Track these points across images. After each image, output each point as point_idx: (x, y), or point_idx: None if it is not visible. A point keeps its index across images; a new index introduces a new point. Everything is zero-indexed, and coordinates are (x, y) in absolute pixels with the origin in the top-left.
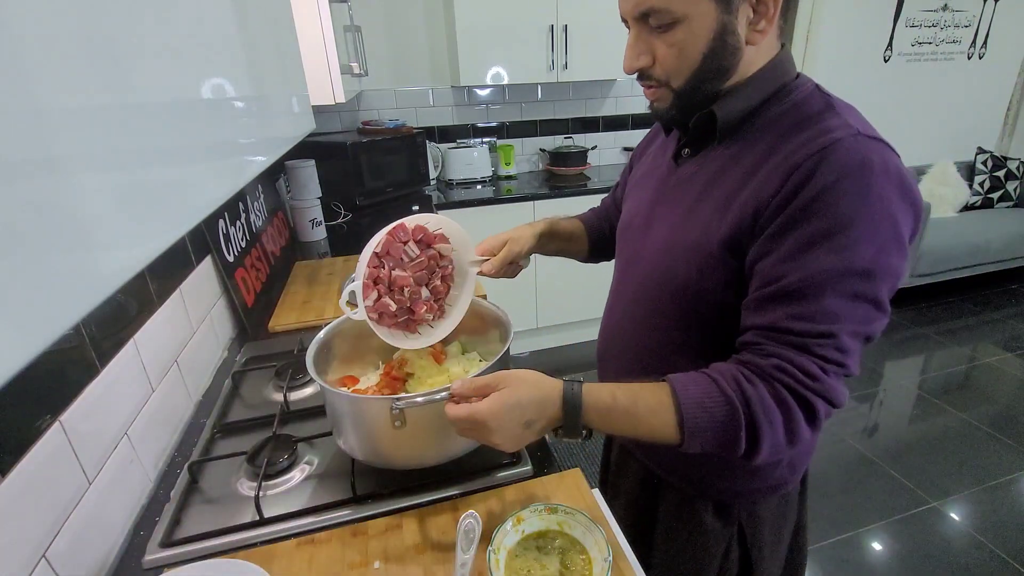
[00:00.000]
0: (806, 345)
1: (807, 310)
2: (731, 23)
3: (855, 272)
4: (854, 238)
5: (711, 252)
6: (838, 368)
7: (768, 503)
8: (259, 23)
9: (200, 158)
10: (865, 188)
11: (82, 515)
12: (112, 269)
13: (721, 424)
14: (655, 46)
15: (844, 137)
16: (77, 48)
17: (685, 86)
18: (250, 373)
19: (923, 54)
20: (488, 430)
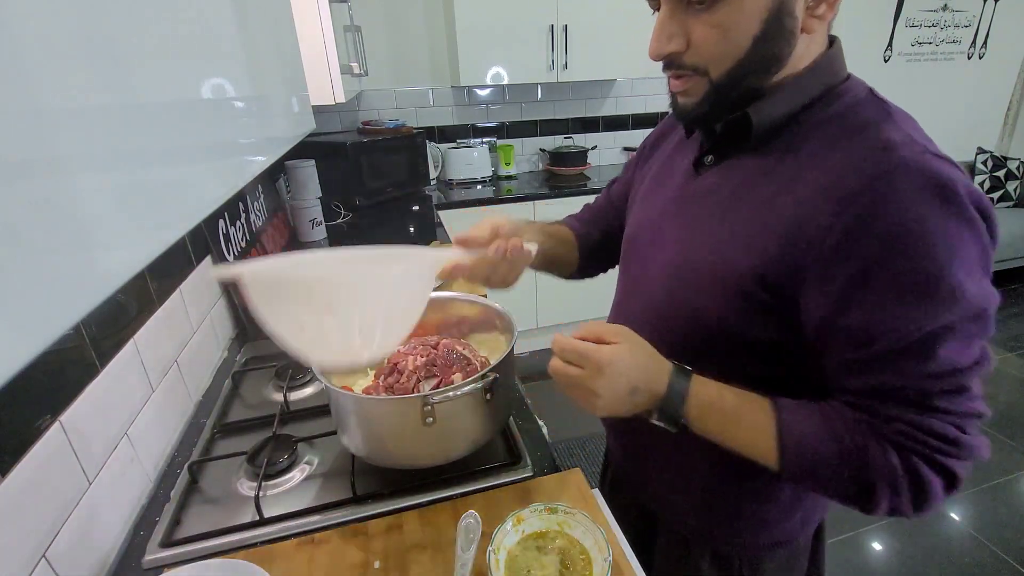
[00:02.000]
0: (933, 404)
1: (924, 368)
2: (789, 4)
3: (968, 318)
4: (957, 281)
5: (735, 282)
6: (975, 419)
7: (774, 556)
8: (259, 23)
9: (200, 158)
10: (955, 220)
11: (82, 515)
12: (112, 269)
13: (829, 477)
14: (691, 27)
15: (911, 157)
16: (77, 48)
17: (726, 78)
18: (250, 373)
19: (923, 54)
20: (602, 378)
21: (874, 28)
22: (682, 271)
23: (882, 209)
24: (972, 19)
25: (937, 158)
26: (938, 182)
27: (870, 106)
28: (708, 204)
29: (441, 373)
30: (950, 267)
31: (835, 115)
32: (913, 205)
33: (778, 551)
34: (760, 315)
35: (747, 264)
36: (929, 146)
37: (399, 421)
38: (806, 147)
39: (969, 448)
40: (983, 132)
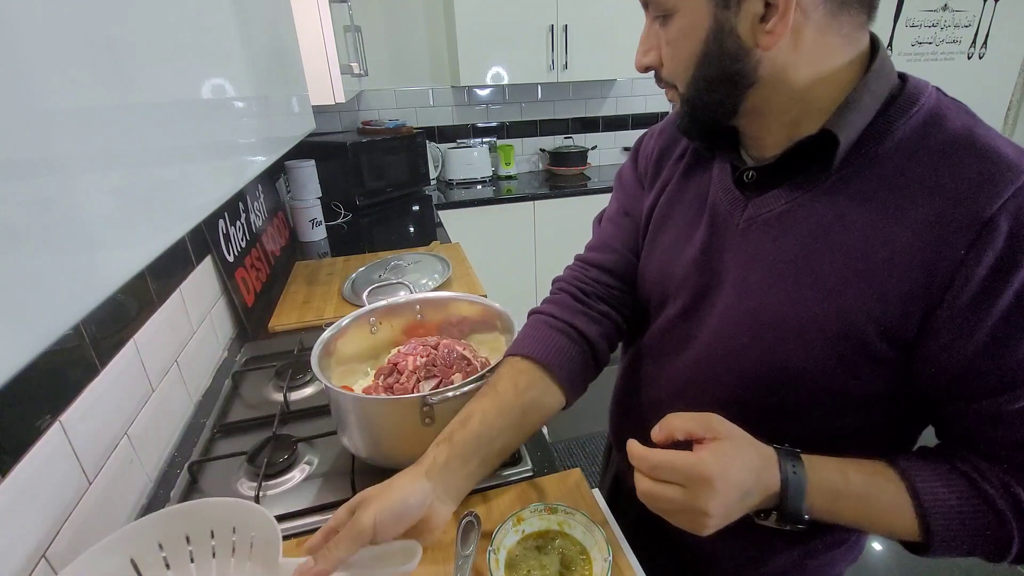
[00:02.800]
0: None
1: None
2: (728, 21)
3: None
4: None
5: (839, 335)
6: None
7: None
8: (259, 23)
9: (200, 158)
10: None
11: (82, 515)
12: (112, 269)
13: (980, 535)
14: (661, 42)
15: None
16: (77, 48)
17: (691, 92)
18: (250, 373)
19: (923, 54)
20: (713, 495)
21: (874, 28)
22: (769, 322)
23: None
24: (972, 19)
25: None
26: None
27: (952, 111)
28: (782, 238)
29: (441, 373)
30: None
31: (920, 128)
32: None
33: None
34: (870, 367)
35: (860, 310)
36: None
37: (398, 421)
38: (901, 168)
39: None
40: None
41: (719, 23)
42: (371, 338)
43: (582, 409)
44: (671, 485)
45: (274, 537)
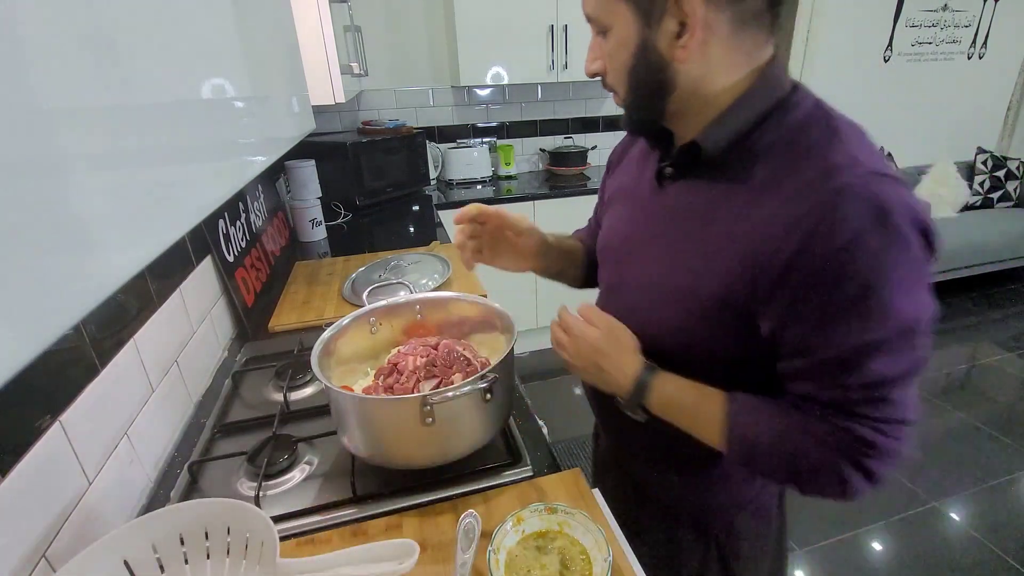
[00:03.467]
0: (855, 411)
1: (852, 380)
2: (651, 39)
3: (895, 334)
4: (886, 300)
5: (701, 303)
6: (897, 425)
7: (744, 518)
8: (259, 23)
9: (200, 158)
10: (888, 241)
11: (82, 515)
12: (112, 269)
13: (767, 465)
14: (604, 50)
15: (854, 181)
16: (77, 48)
17: (627, 98)
18: (250, 373)
19: (923, 54)
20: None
21: (874, 28)
22: (659, 291)
23: (823, 232)
24: (972, 19)
25: (879, 177)
26: (876, 205)
27: (817, 125)
28: (675, 221)
29: (441, 373)
30: (880, 288)
31: (784, 137)
32: (852, 228)
33: (747, 515)
34: (726, 335)
35: (712, 288)
36: (871, 164)
37: (399, 421)
38: (762, 170)
39: (887, 451)
40: (983, 132)
41: (643, 39)
42: (371, 338)
43: (583, 409)
44: (593, 327)
45: (270, 537)
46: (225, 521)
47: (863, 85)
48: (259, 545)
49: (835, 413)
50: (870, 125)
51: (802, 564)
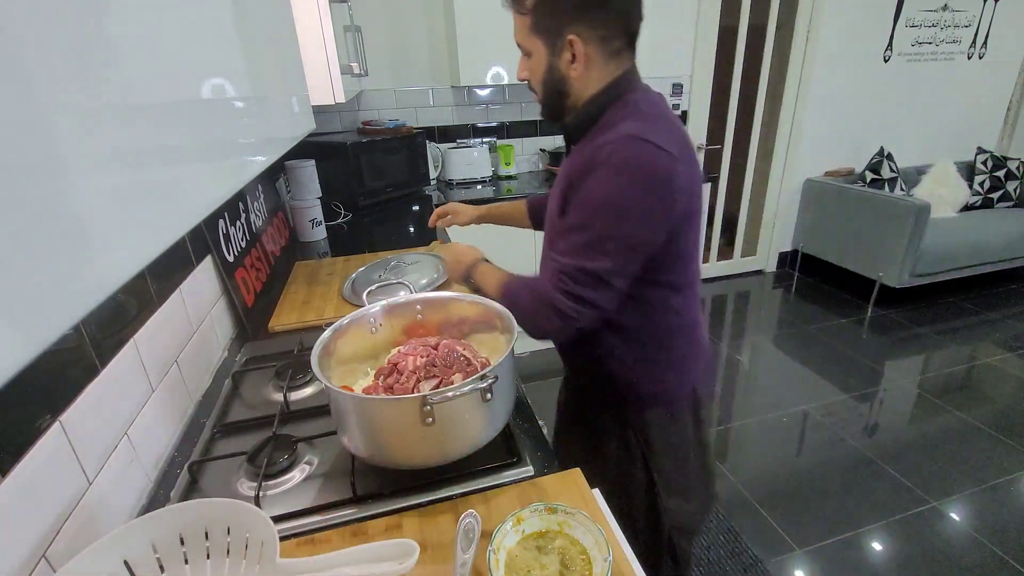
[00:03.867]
0: (560, 281)
1: (569, 259)
2: (555, 63)
3: (606, 238)
4: (592, 207)
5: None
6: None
7: (654, 413)
8: (259, 23)
9: (200, 158)
10: (610, 177)
11: (82, 515)
12: (112, 269)
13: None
14: (528, 67)
15: (615, 139)
16: (77, 48)
17: (544, 99)
18: (250, 373)
19: (923, 54)
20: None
21: (874, 28)
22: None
23: (590, 166)
24: (972, 19)
25: (636, 140)
26: (621, 156)
27: (627, 110)
28: (561, 178)
29: (441, 373)
30: (595, 199)
31: (610, 117)
32: (599, 166)
33: (657, 410)
34: None
35: (557, 207)
36: (638, 133)
37: (398, 421)
38: (589, 142)
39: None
40: (983, 132)
41: (550, 63)
42: (371, 338)
43: None
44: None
45: (270, 537)
46: (225, 521)
47: (863, 85)
48: (259, 545)
49: (555, 279)
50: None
51: (802, 564)
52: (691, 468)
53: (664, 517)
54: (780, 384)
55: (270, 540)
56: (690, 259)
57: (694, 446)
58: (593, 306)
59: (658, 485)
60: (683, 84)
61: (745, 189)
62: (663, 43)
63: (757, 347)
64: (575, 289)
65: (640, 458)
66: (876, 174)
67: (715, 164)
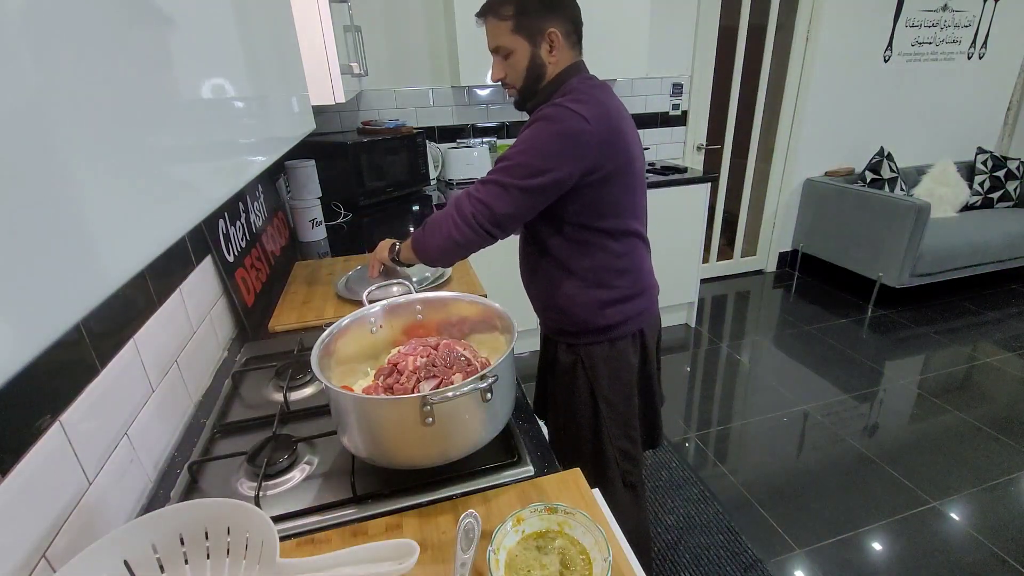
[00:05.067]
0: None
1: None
2: (537, 53)
3: (503, 159)
4: (512, 148)
5: None
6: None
7: (603, 348)
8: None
9: (200, 158)
10: (533, 127)
11: (82, 515)
12: (112, 269)
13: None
14: (505, 66)
15: (550, 104)
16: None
17: (522, 91)
18: (250, 373)
19: (923, 54)
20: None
21: (874, 28)
22: None
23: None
24: (972, 19)
25: (561, 107)
26: (548, 113)
27: (566, 88)
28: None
29: (441, 374)
30: (525, 140)
31: (558, 94)
32: (534, 120)
33: (604, 345)
34: None
35: None
36: (567, 103)
37: (398, 421)
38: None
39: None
40: (983, 132)
41: (533, 54)
42: (371, 338)
43: None
44: None
45: (270, 537)
46: (225, 521)
47: (863, 85)
48: (259, 545)
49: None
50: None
51: (802, 564)
52: (633, 400)
53: (608, 444)
54: (780, 384)
55: (270, 540)
56: (625, 212)
57: (638, 380)
58: (488, 208)
59: (602, 412)
60: (683, 84)
61: (745, 189)
62: (663, 43)
63: (757, 347)
64: (477, 193)
65: (587, 386)
66: (876, 174)
67: (715, 164)
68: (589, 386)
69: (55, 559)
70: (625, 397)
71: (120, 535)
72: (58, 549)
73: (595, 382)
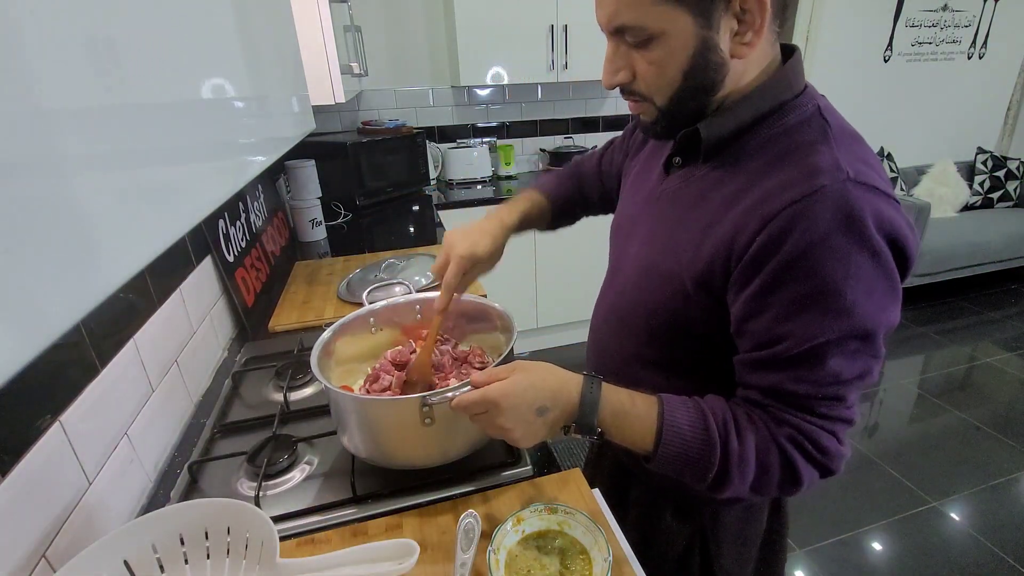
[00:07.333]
0: (812, 408)
1: (810, 375)
2: (712, 39)
3: (854, 335)
4: (850, 301)
5: (683, 285)
6: (844, 425)
7: (731, 513)
8: (259, 23)
9: (200, 158)
10: (855, 245)
11: (82, 515)
12: (112, 269)
13: (690, 461)
14: (635, 61)
15: (830, 185)
16: (77, 48)
17: (668, 104)
18: (250, 373)
19: (923, 54)
20: (499, 411)
21: (874, 28)
22: (647, 269)
23: (795, 230)
24: (972, 19)
25: (857, 184)
26: (849, 211)
27: (812, 126)
28: (672, 207)
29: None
30: (845, 288)
31: (780, 133)
32: (820, 229)
33: (735, 511)
34: (702, 312)
35: (694, 272)
36: (854, 172)
37: (398, 422)
38: (752, 164)
39: (835, 455)
40: (983, 132)
41: (703, 40)
42: (371, 338)
43: None
44: (481, 413)
45: (270, 537)
46: (225, 521)
47: (863, 85)
48: (259, 545)
49: (793, 409)
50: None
51: (802, 564)
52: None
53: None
54: None
55: (270, 540)
56: None
57: (769, 545)
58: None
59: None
60: None
61: None
62: None
63: None
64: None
65: (701, 557)
66: None
67: None
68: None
69: (55, 559)
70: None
71: (120, 535)
72: (58, 549)
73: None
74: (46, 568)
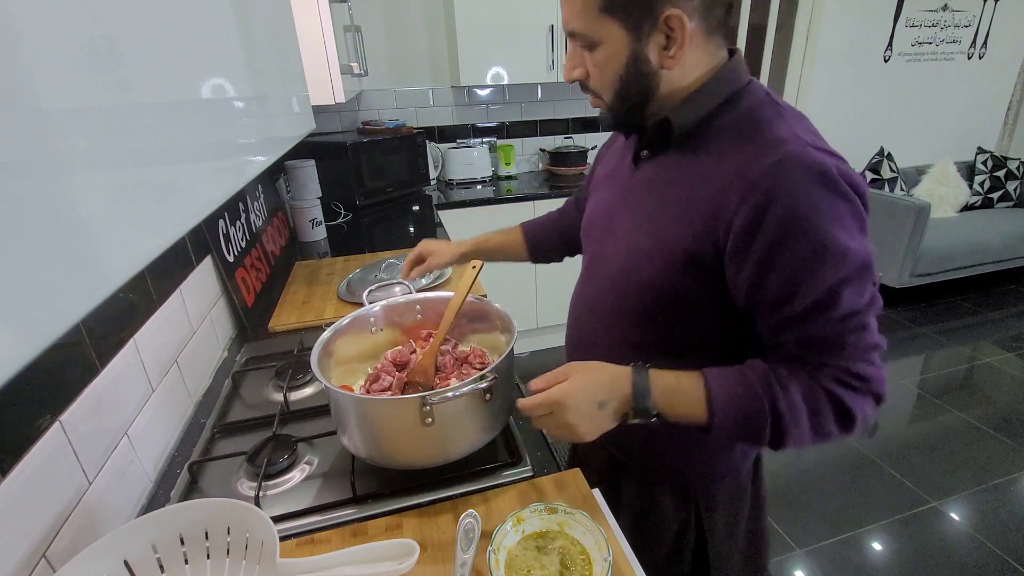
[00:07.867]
0: (843, 344)
1: (832, 315)
2: (642, 51)
3: (857, 272)
4: (844, 243)
5: (673, 258)
6: (874, 350)
7: (723, 487)
8: (259, 23)
9: (200, 158)
10: (833, 196)
11: (82, 515)
12: (112, 269)
13: (746, 420)
14: (586, 61)
15: (795, 149)
16: (77, 48)
17: (613, 102)
18: (250, 373)
19: (923, 54)
20: (565, 409)
21: (874, 28)
22: (634, 250)
23: (777, 192)
24: (972, 19)
25: (816, 150)
26: (819, 169)
27: (766, 107)
28: (648, 193)
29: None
30: (835, 235)
31: (739, 117)
32: (799, 189)
33: (726, 482)
34: (696, 282)
35: (683, 244)
36: (810, 140)
37: (398, 422)
38: (719, 144)
39: (876, 379)
40: (983, 132)
41: (634, 52)
42: (371, 338)
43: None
44: (546, 415)
45: (270, 537)
46: (225, 521)
47: (863, 85)
48: (259, 545)
49: (830, 352)
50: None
51: (802, 564)
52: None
53: None
54: None
55: (270, 540)
56: None
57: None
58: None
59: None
60: None
61: None
62: None
63: None
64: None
65: (696, 534)
66: (876, 174)
67: None
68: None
69: (55, 559)
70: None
71: (120, 535)
72: (58, 549)
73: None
74: (46, 568)
